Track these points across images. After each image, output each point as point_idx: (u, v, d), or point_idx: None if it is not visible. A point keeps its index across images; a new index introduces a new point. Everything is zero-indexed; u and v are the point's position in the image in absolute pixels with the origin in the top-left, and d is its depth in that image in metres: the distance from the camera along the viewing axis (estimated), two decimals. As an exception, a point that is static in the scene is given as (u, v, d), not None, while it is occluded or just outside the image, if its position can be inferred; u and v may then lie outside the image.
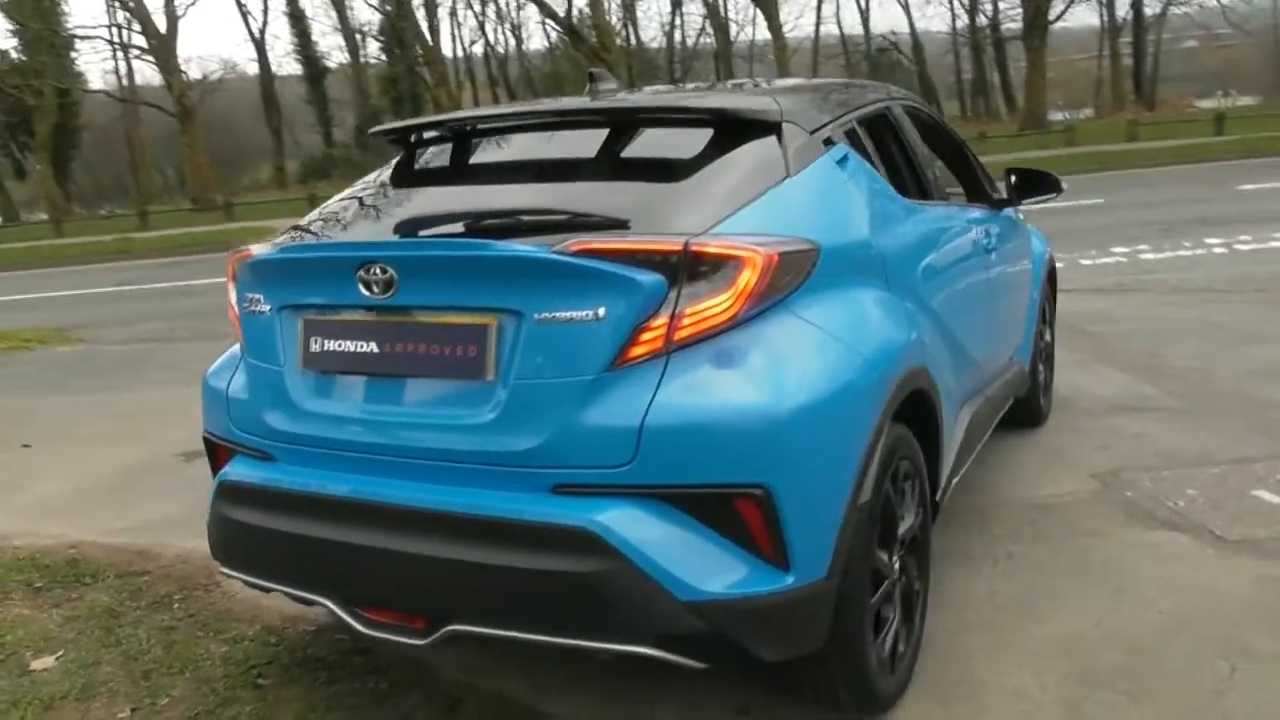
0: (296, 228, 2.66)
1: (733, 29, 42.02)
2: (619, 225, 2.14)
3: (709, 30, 42.42)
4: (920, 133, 3.52)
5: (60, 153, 39.16)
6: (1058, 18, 33.86)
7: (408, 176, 2.79)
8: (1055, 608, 2.96)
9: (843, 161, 2.62)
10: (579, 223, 2.18)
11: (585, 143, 2.53)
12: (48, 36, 34.15)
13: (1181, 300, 7.41)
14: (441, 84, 39.25)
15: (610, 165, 2.48)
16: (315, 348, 2.29)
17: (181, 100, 33.83)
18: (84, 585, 3.41)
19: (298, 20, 43.24)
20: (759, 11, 33.65)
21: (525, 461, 2.04)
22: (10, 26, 35.19)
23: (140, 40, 35.07)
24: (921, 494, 2.63)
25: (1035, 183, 4.09)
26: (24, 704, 2.66)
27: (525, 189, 2.52)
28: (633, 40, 42.11)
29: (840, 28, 43.77)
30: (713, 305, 2.03)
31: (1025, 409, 4.49)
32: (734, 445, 1.99)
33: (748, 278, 2.04)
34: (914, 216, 2.91)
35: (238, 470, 2.40)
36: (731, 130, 2.46)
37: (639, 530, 1.97)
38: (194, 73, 40.16)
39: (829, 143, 2.62)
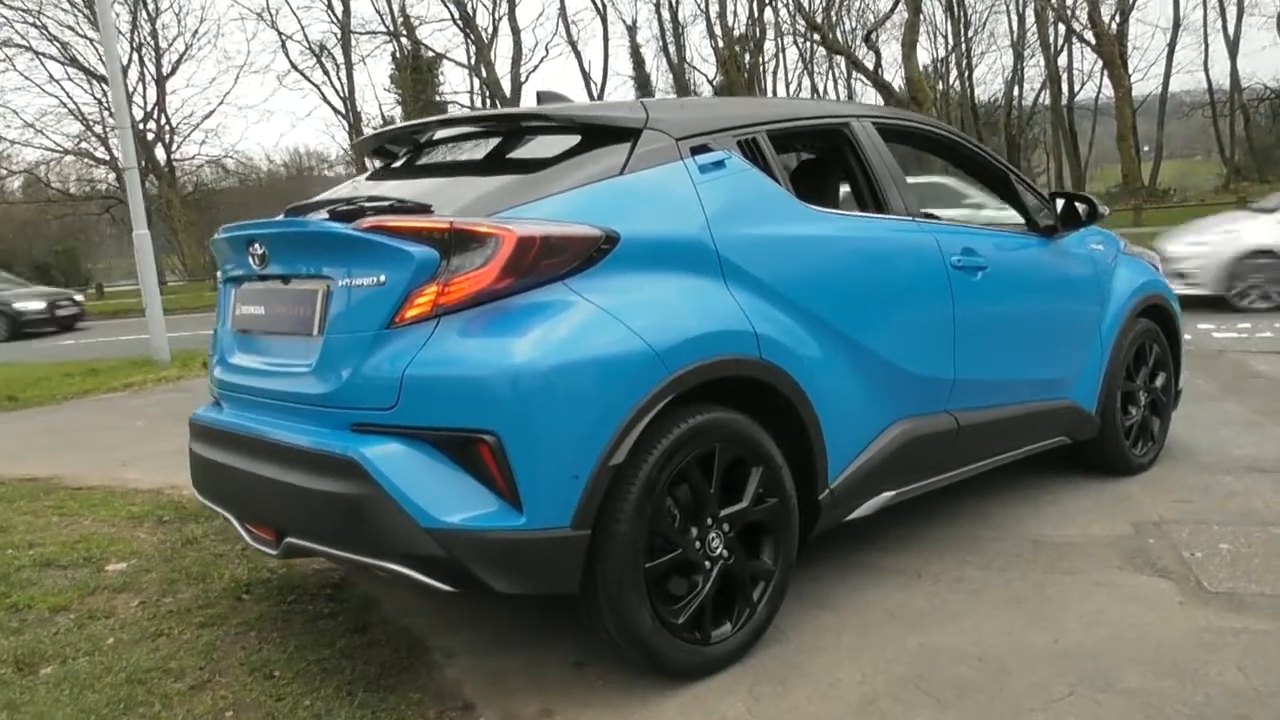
0: None
1: (1077, 80, 38.65)
2: (423, 209, 2.53)
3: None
4: (933, 151, 3.60)
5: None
6: None
7: (355, 178, 3.37)
8: (947, 624, 2.88)
9: (715, 166, 2.83)
10: (397, 207, 2.60)
11: (471, 145, 2.97)
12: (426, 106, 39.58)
13: None
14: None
15: (473, 163, 2.91)
16: (237, 311, 2.91)
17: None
18: (184, 522, 4.26)
19: (642, 87, 46.68)
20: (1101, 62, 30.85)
21: (330, 403, 2.49)
22: (395, 96, 40.99)
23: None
24: (774, 483, 2.74)
25: (1082, 209, 3.92)
26: (80, 588, 3.46)
27: (397, 184, 2.98)
28: (957, 92, 40.71)
29: (1208, 77, 37.41)
30: (473, 276, 2.36)
31: (1097, 455, 4.21)
32: (468, 394, 2.32)
33: (504, 254, 2.36)
34: (818, 224, 3.02)
35: (199, 413, 3.05)
36: (594, 136, 2.77)
37: (394, 463, 2.34)
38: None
39: (702, 150, 2.84)
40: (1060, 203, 3.99)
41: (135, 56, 33.63)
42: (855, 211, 3.33)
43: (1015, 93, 38.83)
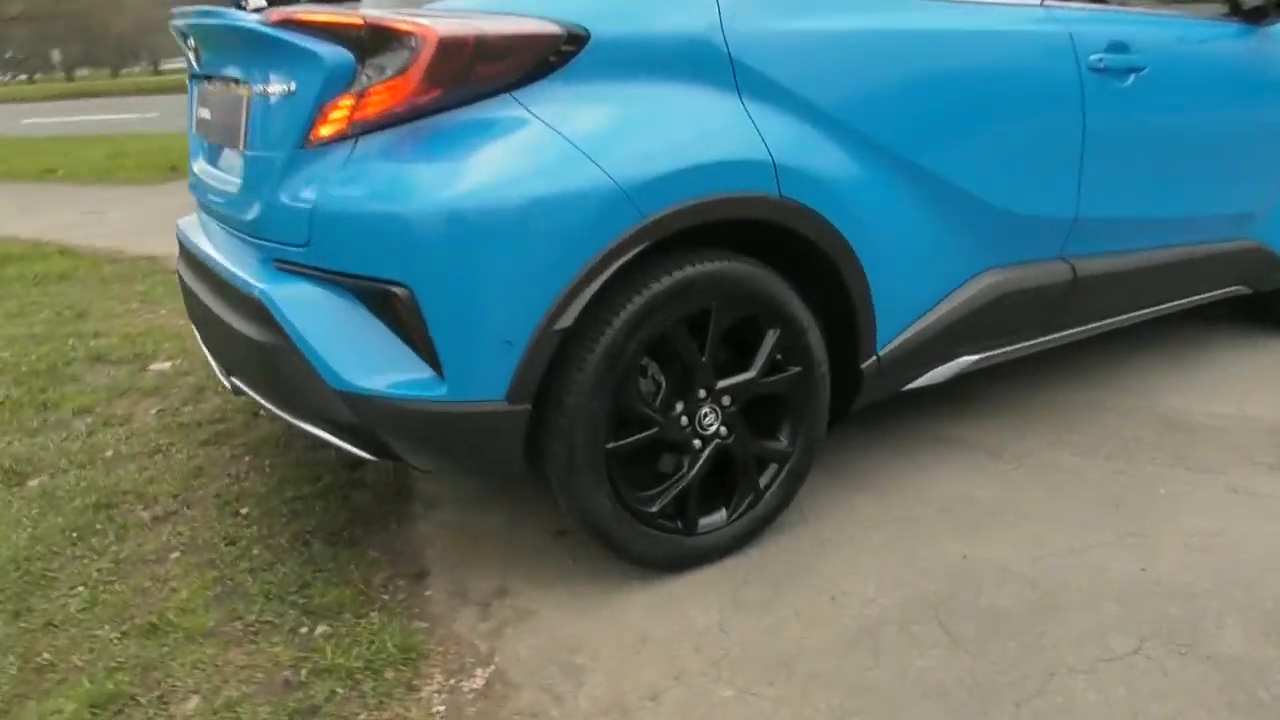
0: None
1: None
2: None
3: None
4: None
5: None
6: None
7: None
8: (1009, 528, 2.34)
9: None
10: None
11: None
12: None
13: None
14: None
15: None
16: (196, 113, 2.53)
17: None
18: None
19: None
20: None
21: (253, 232, 2.12)
22: None
23: None
24: (797, 349, 2.21)
25: None
26: (113, 389, 3.41)
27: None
28: None
29: None
30: (392, 86, 1.87)
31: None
32: (378, 236, 1.88)
33: (425, 57, 1.84)
34: (883, 13, 2.29)
35: (180, 225, 2.76)
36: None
37: (303, 310, 1.97)
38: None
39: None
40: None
41: None
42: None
43: None
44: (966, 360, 2.62)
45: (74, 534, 2.45)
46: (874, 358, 2.37)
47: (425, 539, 2.44)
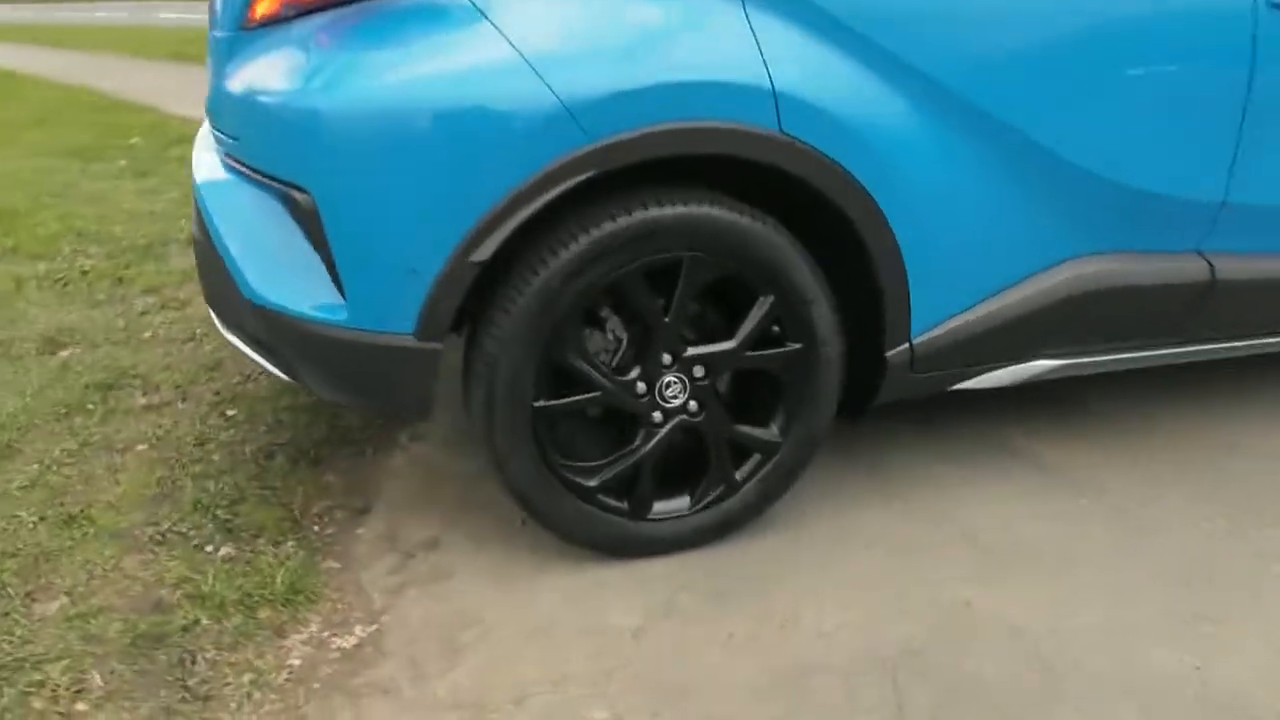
0: None
1: None
2: None
3: None
4: None
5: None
6: None
7: None
8: (1043, 581, 1.88)
9: None
10: None
11: None
12: None
13: None
14: None
15: None
16: None
17: None
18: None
19: None
20: None
21: (210, 118, 1.98)
22: None
23: None
24: (796, 321, 1.84)
25: None
26: (192, 275, 3.44)
27: None
28: None
29: None
30: (322, -41, 1.63)
31: None
32: (285, 132, 1.67)
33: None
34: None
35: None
36: None
37: (226, 207, 1.81)
38: None
39: None
40: None
41: None
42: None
43: None
44: (1045, 365, 2.13)
45: (64, 410, 2.46)
46: (905, 345, 1.95)
47: (389, 473, 2.27)
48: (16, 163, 4.68)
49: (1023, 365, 2.11)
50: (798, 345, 1.87)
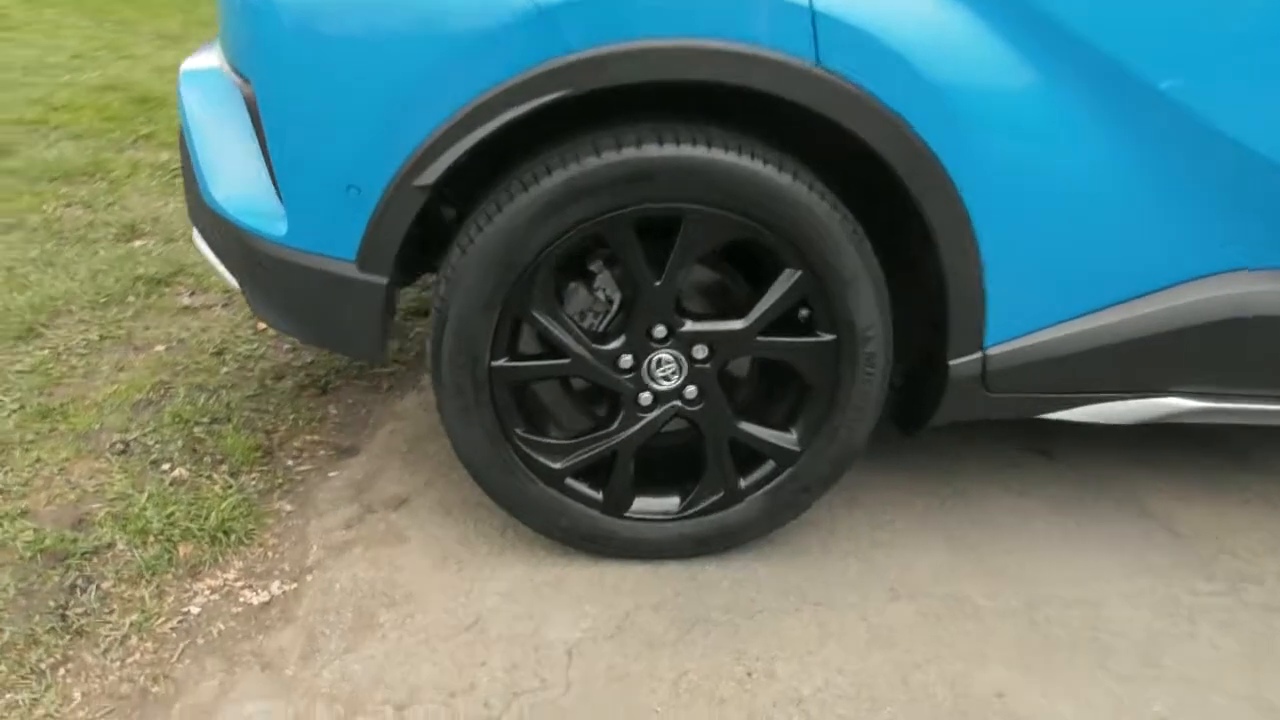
0: None
1: None
2: None
3: None
4: None
5: None
6: None
7: None
8: (1085, 664, 1.45)
9: None
10: None
11: None
12: None
13: None
14: None
15: None
16: None
17: None
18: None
19: None
20: None
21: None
22: None
23: None
24: (830, 306, 1.47)
25: None
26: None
27: None
28: None
29: None
30: None
31: None
32: (234, 17, 1.45)
33: None
34: None
35: None
36: None
37: (198, 107, 1.62)
38: None
39: None
40: None
41: None
42: None
43: None
44: (1180, 405, 1.63)
45: (105, 298, 2.40)
46: (976, 355, 1.53)
47: (395, 414, 2.06)
48: (168, 55, 4.78)
49: (1149, 401, 1.63)
50: (829, 336, 1.49)
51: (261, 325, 2.34)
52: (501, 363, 1.49)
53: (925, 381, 1.60)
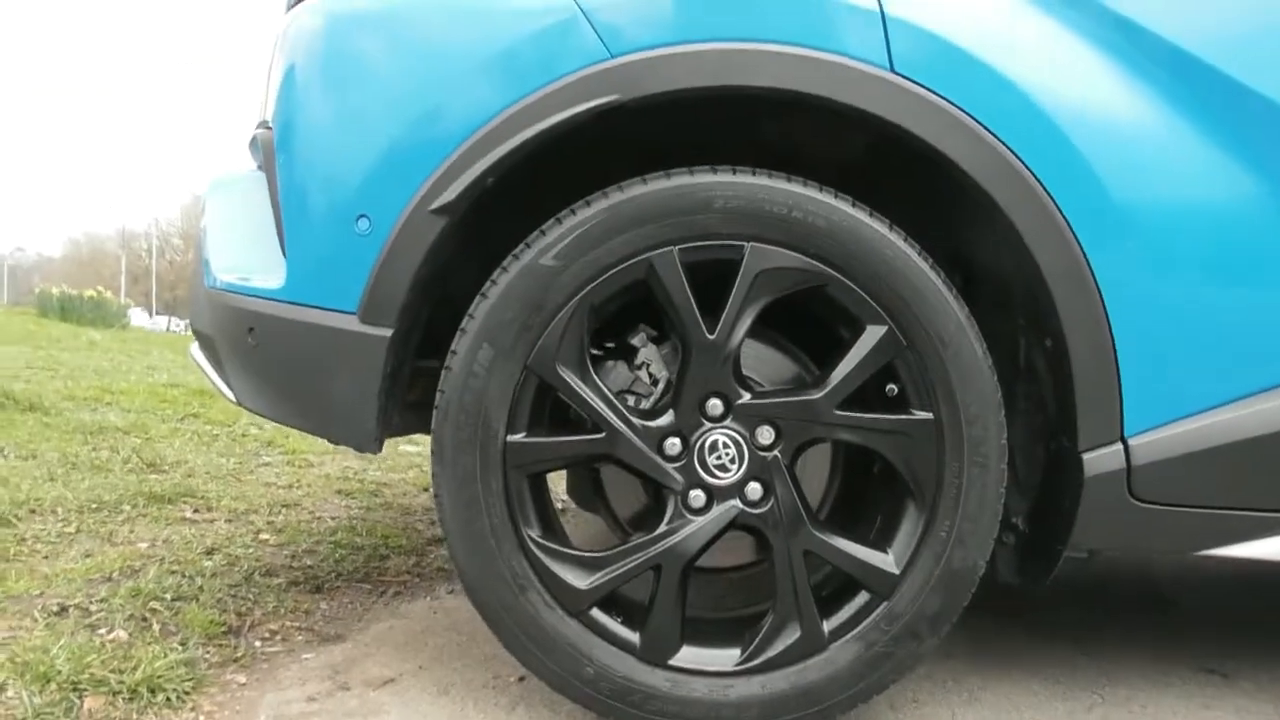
0: None
1: None
2: None
3: None
4: None
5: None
6: None
7: None
8: None
9: None
10: None
11: None
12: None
13: None
14: None
15: None
16: None
17: None
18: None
19: None
20: None
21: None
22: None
23: None
24: (926, 375, 1.19)
25: None
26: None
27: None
28: None
29: None
30: None
31: None
32: (271, 72, 1.38)
33: None
34: None
35: None
36: None
37: (218, 204, 1.53)
38: None
39: None
40: None
41: None
42: None
43: None
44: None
45: (96, 505, 2.15)
46: (1116, 443, 1.20)
47: (395, 614, 1.70)
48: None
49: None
50: (925, 414, 1.19)
51: (267, 535, 2.06)
52: (519, 438, 1.20)
53: (1053, 493, 1.25)
